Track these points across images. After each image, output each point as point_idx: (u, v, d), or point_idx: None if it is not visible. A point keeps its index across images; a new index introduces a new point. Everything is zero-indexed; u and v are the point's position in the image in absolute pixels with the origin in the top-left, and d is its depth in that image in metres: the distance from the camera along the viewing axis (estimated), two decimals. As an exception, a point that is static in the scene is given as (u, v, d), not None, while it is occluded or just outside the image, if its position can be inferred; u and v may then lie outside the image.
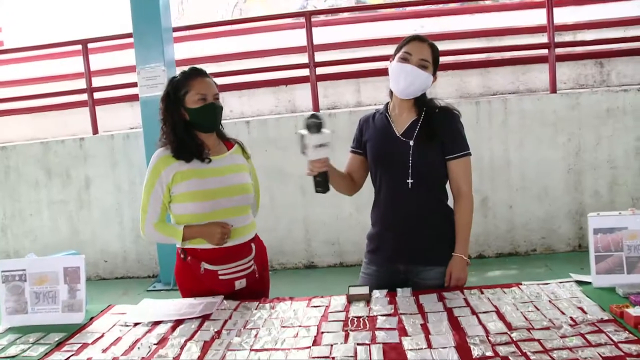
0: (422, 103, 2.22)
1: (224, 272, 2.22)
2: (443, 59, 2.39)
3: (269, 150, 5.46)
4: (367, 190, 2.47)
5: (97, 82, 5.95)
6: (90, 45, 5.90)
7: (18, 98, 6.29)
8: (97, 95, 5.96)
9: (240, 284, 2.25)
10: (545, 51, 5.44)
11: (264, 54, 6.16)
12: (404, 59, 2.14)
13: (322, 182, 2.10)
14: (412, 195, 2.16)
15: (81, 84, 5.98)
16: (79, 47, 5.86)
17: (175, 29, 5.49)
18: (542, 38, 5.59)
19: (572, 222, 5.39)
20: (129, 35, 5.32)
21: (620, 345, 1.53)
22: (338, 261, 5.57)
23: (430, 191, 2.19)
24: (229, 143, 2.38)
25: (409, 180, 2.15)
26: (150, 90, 5.06)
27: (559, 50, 5.54)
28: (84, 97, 5.95)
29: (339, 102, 6.11)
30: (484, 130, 5.26)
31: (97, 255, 5.85)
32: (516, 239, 5.47)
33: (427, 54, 2.16)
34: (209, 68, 2.44)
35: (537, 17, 5.68)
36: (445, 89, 5.72)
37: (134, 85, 5.39)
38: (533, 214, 5.39)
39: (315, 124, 2.01)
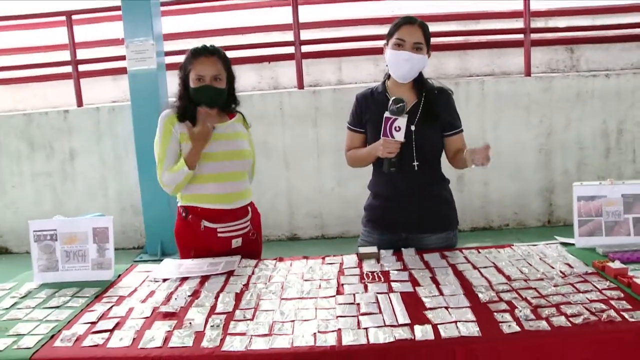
0: (420, 84, 2.39)
1: (222, 229, 2.41)
2: None
3: (253, 125, 5.56)
4: (348, 166, 2.61)
5: (80, 54, 5.96)
6: (74, 17, 5.90)
7: (-1, 67, 6.26)
8: (81, 67, 5.97)
9: (236, 243, 2.44)
10: (520, 36, 5.71)
11: (248, 31, 6.26)
12: (399, 45, 2.28)
13: (397, 162, 2.26)
14: (417, 173, 2.34)
15: (63, 55, 5.99)
16: (62, 18, 5.86)
17: (163, 4, 5.54)
18: (518, 23, 5.86)
19: (543, 199, 5.71)
20: (116, 8, 5.34)
21: (603, 291, 1.77)
22: (320, 233, 5.78)
23: (432, 165, 2.39)
24: (231, 114, 2.54)
25: (415, 163, 2.32)
26: (138, 64, 5.12)
27: (535, 36, 5.81)
28: (67, 69, 5.96)
29: (321, 80, 6.25)
30: (462, 110, 5.28)
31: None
32: (490, 214, 5.77)
33: (420, 35, 2.29)
34: (194, 43, 2.55)
35: (514, 2, 5.93)
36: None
37: (119, 58, 5.43)
38: (506, 190, 5.69)
39: (403, 108, 2.18)
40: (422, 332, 1.56)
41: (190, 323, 1.70)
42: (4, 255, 5.90)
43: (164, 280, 2.13)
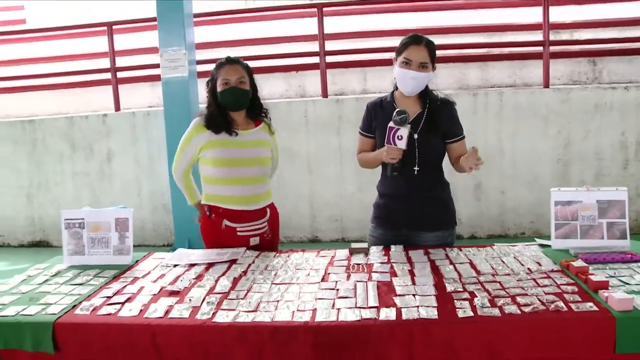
0: (425, 95, 2.59)
1: (242, 229, 2.67)
2: (445, 52, 2.74)
3: (279, 131, 5.83)
4: (369, 172, 2.85)
5: (119, 62, 6.37)
6: (114, 27, 6.31)
7: (44, 75, 6.72)
8: (120, 74, 6.38)
9: (254, 241, 2.69)
10: (540, 48, 5.83)
11: (276, 41, 6.56)
12: (406, 64, 2.48)
13: (400, 167, 2.47)
14: (417, 177, 2.55)
15: (103, 63, 6.41)
16: (104, 28, 6.27)
17: (196, 15, 5.88)
18: (538, 35, 5.98)
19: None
20: (152, 19, 5.70)
21: (561, 286, 1.95)
22: (340, 236, 6.01)
23: (432, 170, 2.59)
24: (257, 122, 2.79)
25: (415, 168, 2.53)
26: (171, 72, 5.45)
27: (555, 48, 5.93)
28: (106, 75, 6.38)
29: (346, 89, 6.50)
30: (480, 120, 5.66)
31: (116, 223, 6.27)
32: (506, 222, 5.89)
33: (425, 55, 2.49)
34: (224, 52, 2.84)
35: (536, 14, 6.05)
36: (445, 80, 6.10)
37: (155, 66, 5.79)
38: (523, 199, 5.80)
39: (405, 119, 2.41)
40: (386, 314, 1.78)
41: (190, 299, 1.97)
42: (46, 248, 6.34)
43: (175, 266, 2.40)
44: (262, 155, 2.72)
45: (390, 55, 2.66)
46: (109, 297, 2.03)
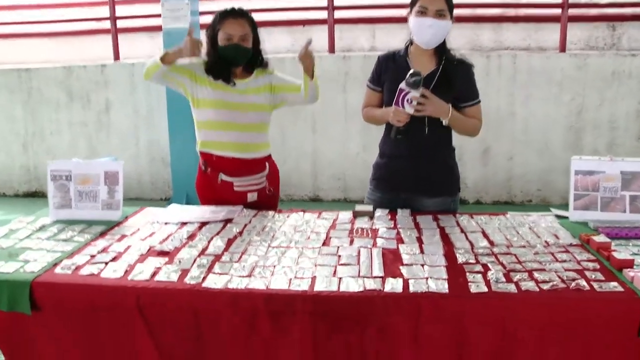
0: (441, 52, 2.40)
1: (239, 184, 2.53)
2: (458, 12, 2.54)
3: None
4: (374, 131, 2.68)
5: (119, 11, 6.12)
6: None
7: (41, 22, 6.46)
8: (119, 23, 6.13)
9: (252, 197, 2.55)
10: (558, 10, 5.56)
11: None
12: (422, 13, 2.29)
13: (405, 131, 2.30)
14: (424, 138, 2.38)
15: (102, 11, 6.15)
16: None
17: (200, -37, 5.60)
18: (556, -3, 5.71)
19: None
20: (153, -33, 5.44)
21: (581, 262, 1.80)
22: (342, 196, 5.88)
23: (440, 132, 2.41)
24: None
25: (425, 127, 2.36)
26: (173, 22, 5.21)
27: (573, 11, 5.65)
28: (106, 24, 6.13)
29: (354, 46, 6.26)
30: (493, 83, 5.45)
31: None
32: (513, 189, 5.74)
33: (442, 3, 2.30)
34: (228, 4, 2.61)
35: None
36: (457, 41, 5.80)
37: (156, 16, 5.54)
38: (532, 166, 5.63)
39: (419, 82, 2.21)
40: (392, 285, 1.63)
41: (179, 261, 1.82)
42: (41, 198, 6.20)
43: (166, 223, 2.26)
44: (258, 102, 2.57)
45: (401, 12, 2.45)
46: (93, 256, 1.89)
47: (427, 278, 1.67)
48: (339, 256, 1.86)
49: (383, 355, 1.61)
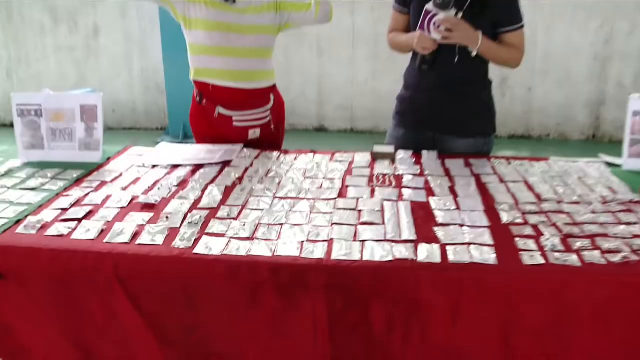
0: None
1: (238, 118, 2.19)
2: None
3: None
4: (384, 55, 2.34)
5: None
6: None
7: None
8: None
9: (254, 134, 2.22)
10: None
11: None
12: None
13: (431, 60, 2.01)
14: (455, 66, 2.03)
15: None
16: None
17: None
18: None
19: (590, 111, 5.28)
20: None
21: (651, 224, 1.49)
22: (349, 126, 5.54)
23: (474, 62, 2.05)
24: None
25: (455, 57, 2.00)
26: None
27: None
28: None
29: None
30: None
31: (105, 104, 5.73)
32: (531, 122, 5.39)
33: None
34: None
35: None
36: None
37: None
38: (552, 98, 5.27)
39: (448, 3, 1.88)
40: (428, 253, 1.32)
41: (166, 217, 1.52)
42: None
43: (153, 166, 1.94)
44: (259, 23, 2.18)
45: None
46: (65, 210, 1.57)
47: (468, 244, 1.37)
48: (359, 212, 1.55)
49: (414, 337, 1.33)
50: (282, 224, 1.48)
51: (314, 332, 1.34)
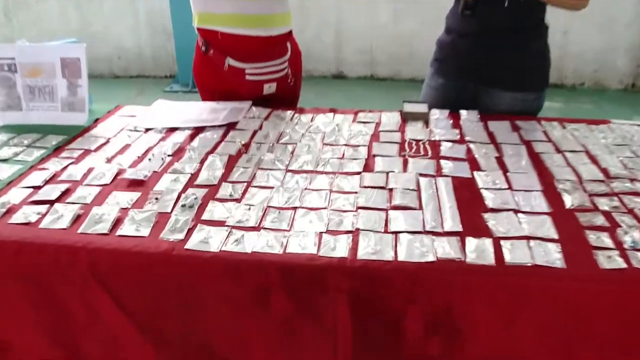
0: None
1: (252, 71, 1.88)
2: None
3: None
4: None
5: None
6: None
7: None
8: None
9: (269, 88, 1.93)
10: None
11: None
12: None
13: (474, 4, 1.74)
14: (505, 10, 1.72)
15: None
16: None
17: None
18: None
19: (631, 58, 4.86)
20: None
21: None
22: (369, 73, 5.21)
23: (527, 6, 1.73)
24: None
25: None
26: None
27: None
28: None
29: None
30: None
31: (110, 50, 5.47)
32: (565, 69, 5.00)
33: None
34: None
35: None
36: None
37: None
38: (589, 43, 4.86)
39: None
40: (478, 251, 1.05)
41: (156, 198, 1.26)
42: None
43: (147, 130, 1.67)
44: None
45: None
46: (36, 189, 1.31)
47: (528, 238, 1.09)
48: (390, 191, 1.28)
49: (457, 355, 1.08)
50: (295, 208, 1.21)
51: (334, 347, 1.09)
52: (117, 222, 1.17)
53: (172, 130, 1.66)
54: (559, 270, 1.01)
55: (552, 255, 1.04)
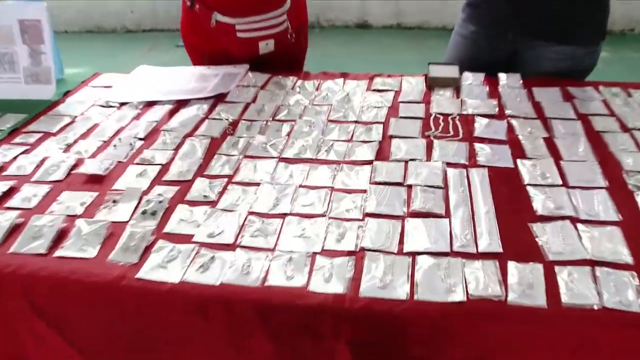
0: None
1: (243, 27, 1.59)
2: None
3: None
4: None
5: None
6: None
7: None
8: None
9: (265, 47, 1.63)
10: None
11: None
12: None
13: None
14: None
15: None
16: None
17: None
18: None
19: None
20: None
21: None
22: (395, 22, 4.83)
23: None
24: None
25: None
26: None
27: None
28: None
29: None
30: None
31: (121, 4, 5.16)
32: (612, 13, 4.51)
33: None
34: None
35: None
36: None
37: None
38: (642, -19, 4.37)
39: None
40: (523, 286, 0.77)
41: (114, 201, 1.00)
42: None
43: (122, 104, 1.41)
44: None
45: None
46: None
47: (592, 263, 0.81)
48: (409, 189, 1.00)
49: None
50: (284, 215, 0.94)
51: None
52: (60, 237, 0.92)
53: (151, 104, 1.40)
54: (635, 315, 0.73)
55: (625, 292, 0.76)
